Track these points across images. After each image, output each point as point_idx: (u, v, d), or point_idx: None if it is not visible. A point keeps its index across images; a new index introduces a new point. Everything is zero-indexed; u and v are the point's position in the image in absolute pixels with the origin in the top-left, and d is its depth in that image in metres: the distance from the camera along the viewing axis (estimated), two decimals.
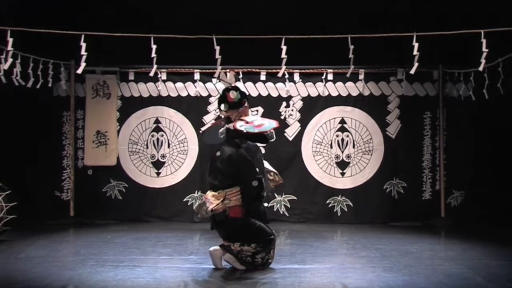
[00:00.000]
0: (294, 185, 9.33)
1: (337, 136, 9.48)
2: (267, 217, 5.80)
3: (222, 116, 5.86)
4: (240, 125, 5.53)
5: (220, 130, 5.69)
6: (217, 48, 7.98)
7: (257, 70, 9.45)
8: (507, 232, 8.19)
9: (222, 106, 5.75)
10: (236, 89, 5.80)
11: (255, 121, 5.74)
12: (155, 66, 8.34)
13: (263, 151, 9.06)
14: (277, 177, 6.07)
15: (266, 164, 6.01)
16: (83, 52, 7.43)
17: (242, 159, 5.45)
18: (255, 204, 5.44)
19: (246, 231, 5.41)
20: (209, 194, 5.48)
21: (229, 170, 5.46)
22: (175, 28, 8.19)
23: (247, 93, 9.07)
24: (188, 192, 9.41)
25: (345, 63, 8.41)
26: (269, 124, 5.69)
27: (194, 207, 5.56)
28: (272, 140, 5.97)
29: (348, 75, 8.88)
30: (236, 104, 5.72)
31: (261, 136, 5.72)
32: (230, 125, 5.63)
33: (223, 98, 5.78)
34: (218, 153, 5.64)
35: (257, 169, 5.52)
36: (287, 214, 9.37)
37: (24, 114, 9.19)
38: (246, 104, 5.83)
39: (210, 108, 9.46)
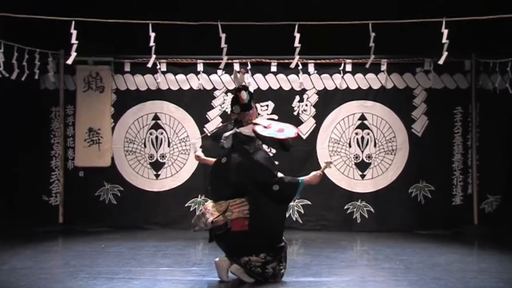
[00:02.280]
0: (308, 189, 8.92)
1: (356, 134, 9.46)
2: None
3: (233, 119, 5.86)
4: (261, 130, 5.53)
5: (226, 134, 5.66)
6: (223, 36, 8.00)
7: (267, 61, 9.43)
8: None
9: (235, 109, 5.73)
10: (246, 89, 5.79)
11: (272, 125, 5.74)
12: (153, 56, 8.41)
13: (273, 150, 9.13)
14: None
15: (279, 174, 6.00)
16: (73, 40, 7.46)
17: (256, 165, 5.41)
18: (281, 206, 5.42)
19: (251, 243, 5.37)
20: (210, 204, 5.46)
21: (238, 179, 5.42)
22: (176, 13, 8.20)
23: (256, 87, 9.16)
24: (190, 196, 9.41)
25: (366, 52, 8.48)
26: (290, 130, 5.71)
27: (192, 220, 5.50)
28: (292, 147, 6.04)
29: (368, 65, 8.98)
30: (246, 106, 5.72)
31: (283, 143, 5.74)
32: (243, 129, 5.61)
33: (235, 99, 5.77)
34: (224, 160, 5.60)
35: (276, 172, 5.51)
36: (300, 221, 9.36)
37: (7, 109, 9.17)
38: (254, 106, 5.83)
39: (215, 102, 9.45)
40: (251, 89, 5.92)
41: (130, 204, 9.42)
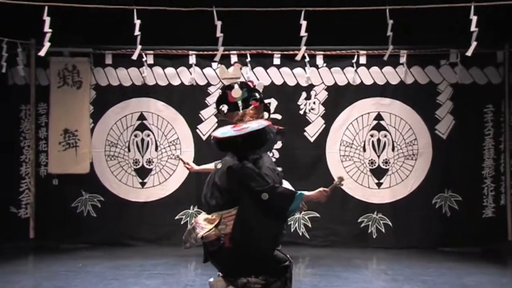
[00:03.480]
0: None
1: (371, 136, 9.47)
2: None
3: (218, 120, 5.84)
4: (219, 133, 5.43)
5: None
6: (219, 23, 7.98)
7: (270, 52, 9.44)
8: None
9: (223, 107, 5.67)
10: (242, 86, 5.70)
11: (242, 125, 5.59)
12: (139, 47, 8.38)
13: (276, 155, 9.13)
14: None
15: (286, 184, 5.96)
16: (46, 28, 7.42)
17: (245, 168, 5.35)
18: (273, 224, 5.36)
19: (248, 262, 5.32)
20: (201, 217, 5.42)
21: (229, 185, 5.37)
22: None
23: (257, 82, 9.11)
24: (181, 207, 9.41)
25: (383, 42, 8.47)
26: (255, 125, 5.49)
27: (183, 235, 5.46)
28: (275, 143, 5.87)
29: (386, 57, 8.96)
30: (237, 105, 5.62)
31: (259, 140, 5.53)
32: (216, 133, 5.56)
33: (223, 97, 5.69)
34: (219, 165, 5.57)
35: (268, 179, 5.42)
36: (307, 236, 9.36)
37: None
38: (257, 105, 5.67)
39: (209, 100, 9.44)
40: (260, 86, 5.82)
41: (112, 216, 9.41)
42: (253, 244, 5.21)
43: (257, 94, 5.61)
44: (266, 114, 5.62)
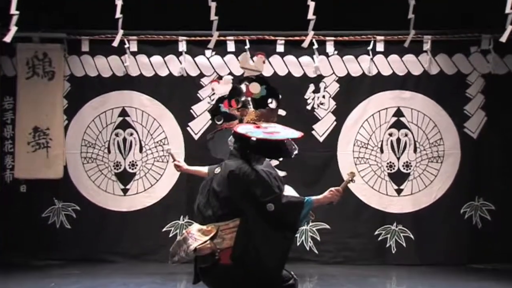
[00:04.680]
0: (327, 207, 9.04)
1: (390, 135, 9.46)
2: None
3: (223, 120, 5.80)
4: (244, 129, 5.41)
5: (230, 138, 5.61)
6: (213, 4, 7.96)
7: (272, 38, 9.42)
8: None
9: (234, 102, 5.66)
10: (262, 82, 5.71)
11: (270, 127, 5.62)
12: (120, 32, 8.39)
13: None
14: None
15: (290, 190, 5.94)
16: (13, 10, 7.39)
17: (251, 174, 5.32)
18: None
19: (250, 282, 5.28)
20: (194, 227, 5.39)
21: (230, 193, 5.35)
22: None
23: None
24: (169, 218, 9.37)
25: (403, 26, 8.50)
26: (288, 133, 5.55)
27: (171, 248, 5.43)
28: (294, 154, 5.88)
29: (407, 44, 8.95)
30: (256, 101, 5.63)
31: (278, 148, 5.57)
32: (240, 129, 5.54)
33: (236, 90, 5.69)
34: (217, 170, 5.54)
35: (275, 188, 5.41)
36: (316, 251, 9.33)
37: None
38: (273, 106, 5.70)
39: (202, 93, 9.42)
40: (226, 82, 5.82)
41: (89, 228, 9.39)
42: (258, 262, 5.17)
43: (279, 95, 5.62)
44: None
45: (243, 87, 5.59)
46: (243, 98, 5.51)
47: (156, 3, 8.70)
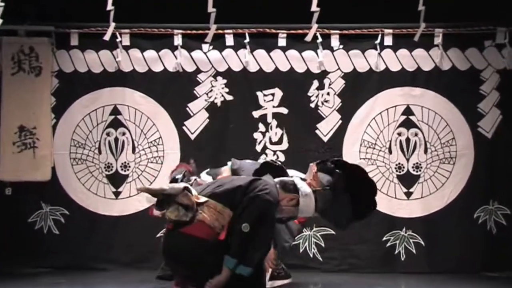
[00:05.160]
0: None
1: (399, 134, 9.45)
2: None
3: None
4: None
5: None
6: None
7: (274, 31, 9.42)
8: None
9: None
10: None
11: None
12: (112, 25, 8.41)
13: (282, 157, 9.20)
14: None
15: (293, 172, 5.90)
16: None
17: (264, 201, 5.38)
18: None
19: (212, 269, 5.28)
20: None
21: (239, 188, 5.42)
22: None
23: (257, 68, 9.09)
24: (164, 223, 9.17)
25: (412, 19, 8.54)
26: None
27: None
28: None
29: (417, 37, 9.00)
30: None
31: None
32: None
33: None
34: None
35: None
36: (320, 258, 9.32)
37: None
38: (293, 196, 5.74)
39: (199, 90, 9.43)
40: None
41: (79, 234, 9.38)
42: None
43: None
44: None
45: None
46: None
47: None
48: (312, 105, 9.37)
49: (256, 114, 9.37)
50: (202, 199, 5.25)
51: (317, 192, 5.41)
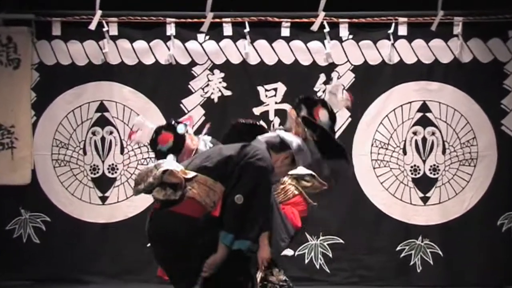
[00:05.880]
0: (340, 218, 9.34)
1: (414, 133, 9.43)
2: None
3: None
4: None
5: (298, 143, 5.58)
6: None
7: (276, 20, 9.39)
8: None
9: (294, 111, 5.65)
10: (333, 119, 5.79)
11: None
12: (98, 13, 8.38)
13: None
14: (316, 181, 6.25)
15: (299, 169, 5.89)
16: None
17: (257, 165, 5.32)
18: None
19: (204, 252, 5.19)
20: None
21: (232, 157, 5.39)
22: None
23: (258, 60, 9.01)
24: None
25: (429, 6, 8.58)
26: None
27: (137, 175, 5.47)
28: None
29: (434, 27, 8.98)
30: (309, 125, 5.61)
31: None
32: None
33: (310, 101, 5.70)
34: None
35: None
36: (327, 270, 9.28)
37: None
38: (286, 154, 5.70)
39: (193, 85, 9.41)
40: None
41: (61, 243, 9.37)
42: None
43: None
44: None
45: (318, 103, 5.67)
46: (302, 113, 5.56)
47: None
48: None
49: (257, 111, 9.35)
50: (191, 174, 5.24)
51: (306, 141, 5.50)
